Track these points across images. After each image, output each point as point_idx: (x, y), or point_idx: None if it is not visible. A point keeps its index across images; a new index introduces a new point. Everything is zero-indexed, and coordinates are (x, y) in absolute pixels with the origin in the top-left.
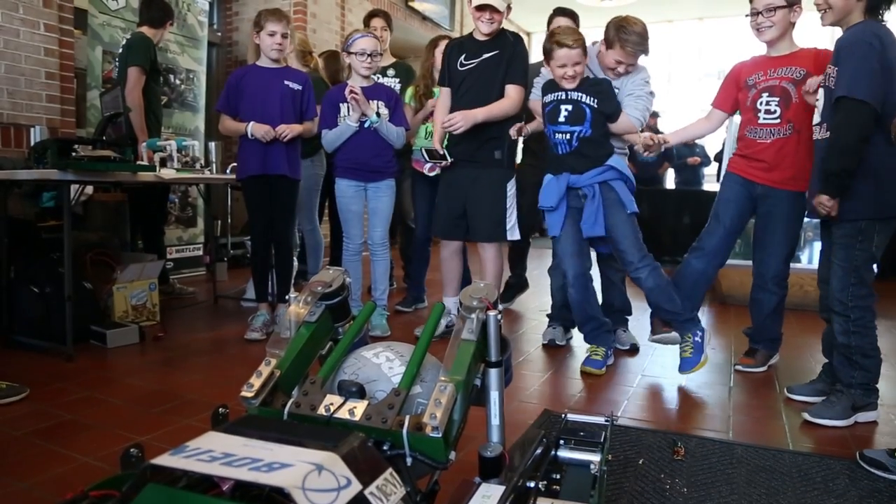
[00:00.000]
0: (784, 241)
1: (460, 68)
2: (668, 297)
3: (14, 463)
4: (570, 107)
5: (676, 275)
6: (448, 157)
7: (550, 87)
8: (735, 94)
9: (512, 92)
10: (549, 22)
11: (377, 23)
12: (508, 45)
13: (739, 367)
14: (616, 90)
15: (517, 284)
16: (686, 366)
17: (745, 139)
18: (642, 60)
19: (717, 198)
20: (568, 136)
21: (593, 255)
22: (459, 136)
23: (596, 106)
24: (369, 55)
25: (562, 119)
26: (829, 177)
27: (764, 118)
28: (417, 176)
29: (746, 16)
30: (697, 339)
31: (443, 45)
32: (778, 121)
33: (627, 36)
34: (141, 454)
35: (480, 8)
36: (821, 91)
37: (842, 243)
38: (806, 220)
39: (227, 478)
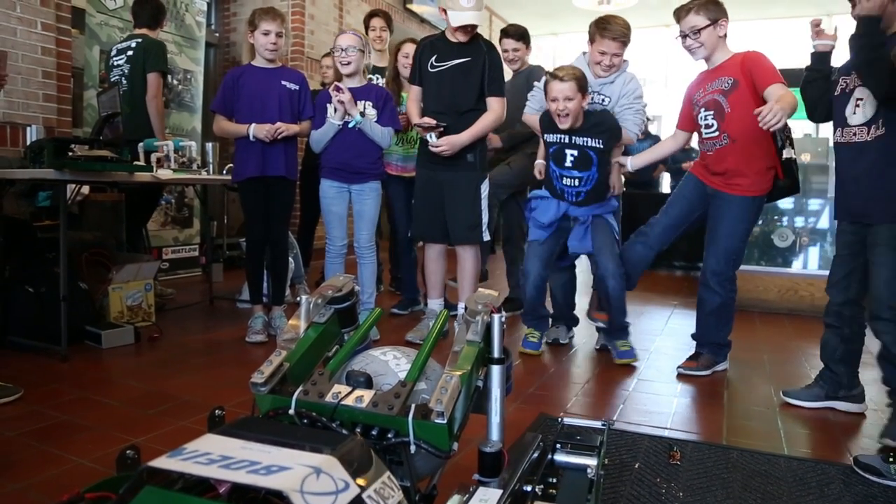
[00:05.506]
0: (726, 240)
1: (431, 70)
2: (623, 306)
3: (8, 464)
4: (575, 152)
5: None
6: (439, 124)
7: (551, 124)
8: (692, 112)
9: (495, 105)
10: (499, 42)
11: (377, 22)
12: (481, 53)
13: (681, 370)
14: (608, 99)
15: (517, 299)
16: (625, 356)
17: (700, 151)
18: (634, 69)
19: (672, 192)
20: (576, 181)
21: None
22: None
23: (602, 147)
24: (343, 49)
25: (568, 164)
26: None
27: (705, 132)
28: (391, 178)
29: (676, 38)
30: (631, 339)
31: (405, 48)
32: (716, 133)
33: (608, 25)
34: (137, 456)
35: (461, 27)
36: (863, 90)
37: (891, 245)
38: (800, 224)
39: (225, 481)
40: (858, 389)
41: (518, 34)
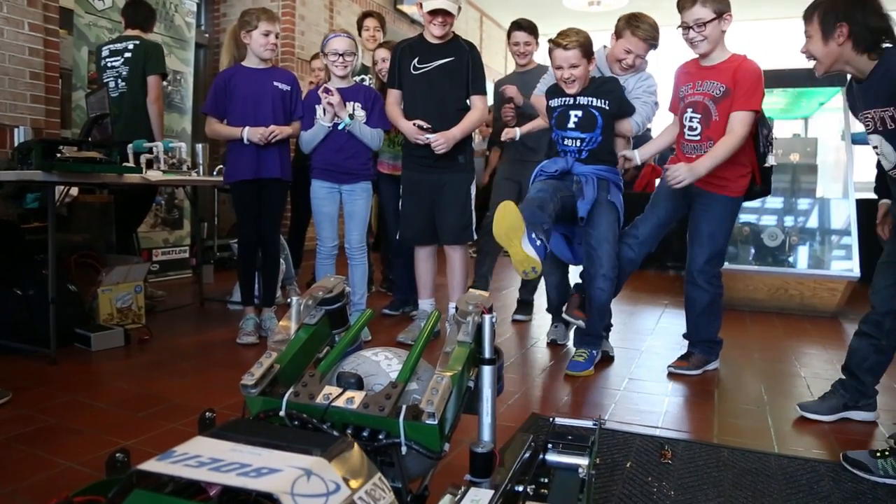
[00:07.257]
0: (712, 238)
1: (413, 72)
2: (604, 314)
3: None
4: (579, 112)
5: None
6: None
7: (556, 91)
8: (678, 102)
9: (478, 102)
10: (508, 36)
11: (370, 23)
12: (463, 52)
13: (671, 369)
14: (623, 87)
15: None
16: (575, 367)
17: (678, 149)
18: (651, 69)
19: (655, 190)
20: (578, 142)
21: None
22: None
23: (607, 108)
24: (341, 55)
25: (571, 125)
26: None
27: (688, 134)
28: (383, 177)
29: (677, 28)
30: (594, 352)
31: (380, 52)
32: (698, 138)
33: (639, 24)
34: (126, 459)
35: (434, 12)
36: (877, 137)
37: None
38: (791, 224)
39: (215, 483)
40: (874, 396)
41: (530, 27)
